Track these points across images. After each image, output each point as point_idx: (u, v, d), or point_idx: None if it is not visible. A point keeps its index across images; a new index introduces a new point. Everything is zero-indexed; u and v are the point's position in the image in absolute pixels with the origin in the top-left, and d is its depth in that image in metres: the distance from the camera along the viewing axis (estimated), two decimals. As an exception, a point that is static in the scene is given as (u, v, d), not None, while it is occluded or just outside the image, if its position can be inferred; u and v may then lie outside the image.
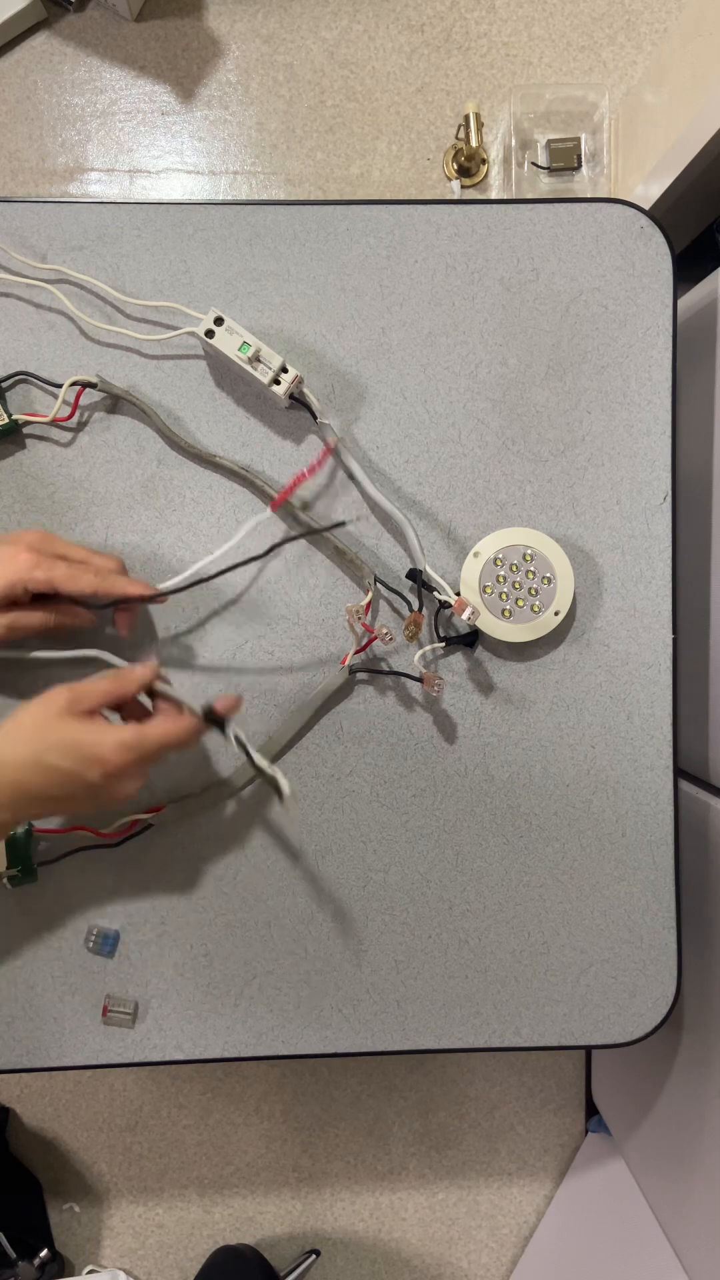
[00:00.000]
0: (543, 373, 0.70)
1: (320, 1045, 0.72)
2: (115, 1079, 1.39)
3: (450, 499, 0.70)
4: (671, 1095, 1.00)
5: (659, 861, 0.73)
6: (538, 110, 1.33)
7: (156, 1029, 0.71)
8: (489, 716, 0.71)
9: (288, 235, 0.69)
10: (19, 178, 1.35)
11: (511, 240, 0.69)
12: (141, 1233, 1.40)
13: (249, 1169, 1.40)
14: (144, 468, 0.69)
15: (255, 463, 0.69)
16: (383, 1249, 1.40)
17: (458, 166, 1.36)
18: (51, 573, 0.59)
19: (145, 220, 0.68)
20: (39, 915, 0.70)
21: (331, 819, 0.71)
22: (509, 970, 0.73)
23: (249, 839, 0.71)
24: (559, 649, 0.71)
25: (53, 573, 0.59)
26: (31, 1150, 1.38)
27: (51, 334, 0.68)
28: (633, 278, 0.70)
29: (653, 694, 0.71)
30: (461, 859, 0.72)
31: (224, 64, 1.35)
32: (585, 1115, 1.42)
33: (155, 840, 0.70)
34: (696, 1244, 0.97)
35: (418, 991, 0.72)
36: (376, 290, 0.69)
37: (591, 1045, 0.75)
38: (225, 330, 0.64)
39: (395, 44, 1.36)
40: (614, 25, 1.36)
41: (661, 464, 0.70)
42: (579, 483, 0.71)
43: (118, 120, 1.35)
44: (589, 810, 0.72)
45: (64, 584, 0.60)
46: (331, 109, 1.36)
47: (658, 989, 0.74)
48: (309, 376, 0.69)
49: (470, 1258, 1.40)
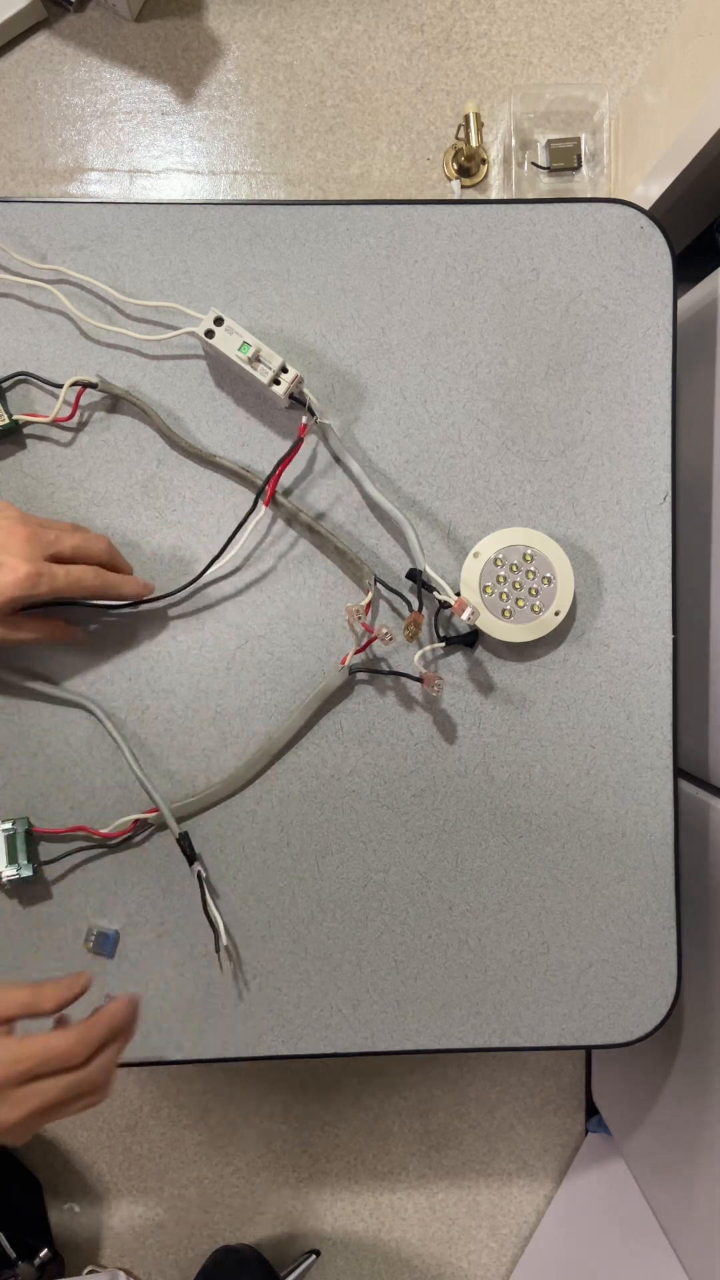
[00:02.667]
0: (543, 373, 0.70)
1: (320, 1045, 0.72)
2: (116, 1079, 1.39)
3: (450, 499, 0.70)
4: (671, 1095, 1.00)
5: (659, 861, 0.73)
6: (538, 110, 1.33)
7: (156, 1029, 0.71)
8: (489, 716, 0.71)
9: (288, 235, 0.69)
10: (19, 178, 1.35)
11: (511, 240, 0.69)
12: (141, 1233, 1.40)
13: (249, 1169, 1.40)
14: (144, 468, 0.69)
15: (255, 463, 0.69)
16: (383, 1249, 1.40)
17: (458, 166, 1.36)
18: (54, 584, 0.58)
19: (145, 220, 0.68)
20: (39, 915, 0.70)
21: (331, 819, 0.71)
22: (509, 970, 0.73)
23: (249, 839, 0.71)
24: (559, 649, 0.71)
25: (55, 584, 0.58)
26: (31, 1150, 1.38)
27: (51, 334, 0.68)
28: (633, 278, 0.70)
29: (653, 694, 0.72)
30: (461, 859, 0.72)
31: (224, 64, 1.35)
32: (585, 1115, 1.42)
33: (155, 840, 0.70)
34: (696, 1244, 0.97)
35: (418, 991, 0.72)
36: (376, 290, 0.69)
37: (591, 1045, 0.75)
38: (225, 330, 0.64)
39: (395, 44, 1.36)
40: (614, 25, 1.36)
41: (661, 464, 0.70)
42: (579, 483, 0.71)
43: (118, 120, 1.35)
44: (589, 810, 0.72)
45: (65, 593, 0.59)
46: (331, 109, 1.36)
47: (658, 989, 0.74)
48: (309, 376, 0.69)
49: (470, 1258, 1.40)
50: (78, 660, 0.69)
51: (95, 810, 0.70)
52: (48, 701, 0.69)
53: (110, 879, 0.70)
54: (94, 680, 0.69)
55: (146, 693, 0.70)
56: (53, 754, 0.69)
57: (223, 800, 0.70)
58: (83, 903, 0.70)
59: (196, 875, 0.69)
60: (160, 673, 0.70)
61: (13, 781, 0.69)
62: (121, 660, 0.69)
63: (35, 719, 0.69)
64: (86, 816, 0.69)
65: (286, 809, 0.71)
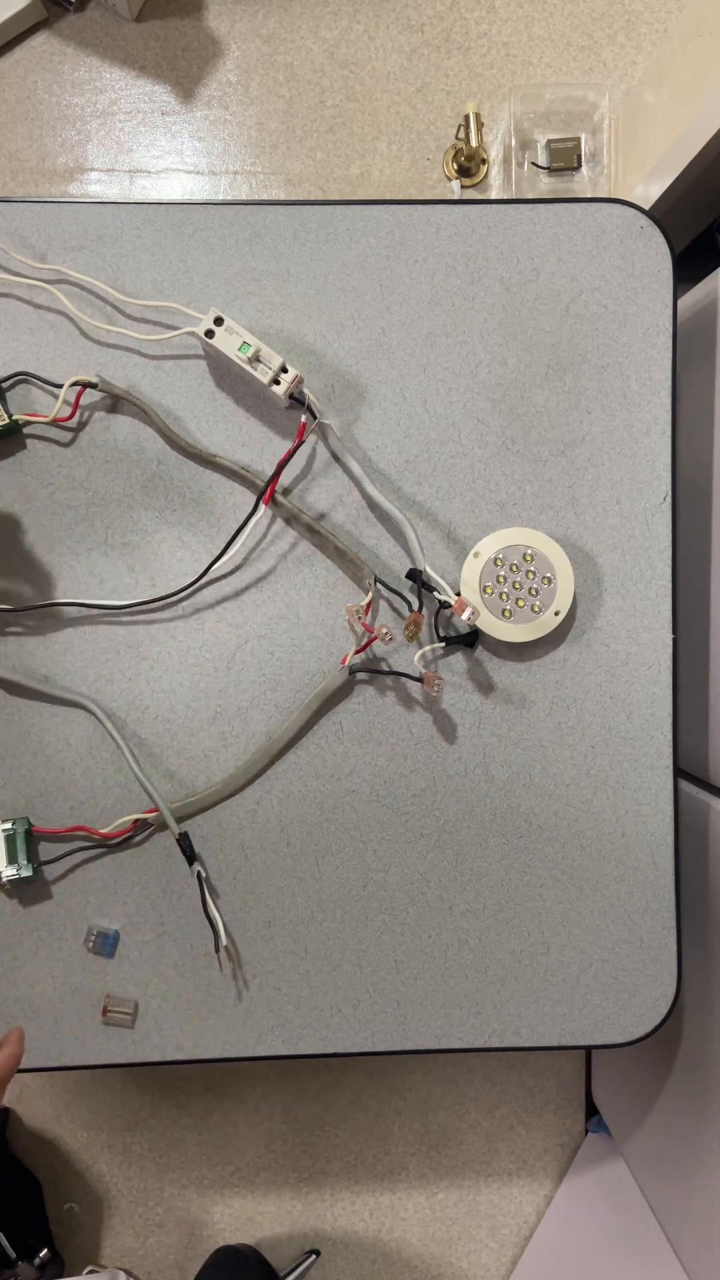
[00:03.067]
0: (543, 373, 0.70)
1: (320, 1045, 0.72)
2: (115, 1079, 1.39)
3: (450, 499, 0.70)
4: (671, 1095, 1.00)
5: (659, 861, 0.73)
6: (538, 110, 1.33)
7: (156, 1029, 0.71)
8: (489, 716, 0.71)
9: (288, 235, 0.69)
10: (19, 178, 1.35)
11: (511, 240, 0.69)
12: (141, 1233, 1.40)
13: (249, 1169, 1.40)
14: (144, 467, 0.69)
15: (255, 463, 0.69)
16: (383, 1249, 1.40)
17: (458, 166, 1.36)
18: None
19: (145, 220, 0.68)
20: (39, 915, 0.70)
21: (331, 819, 0.71)
22: (509, 970, 0.73)
23: (249, 839, 0.71)
24: (559, 649, 0.71)
25: None
26: (31, 1150, 1.38)
27: (51, 334, 0.68)
28: (633, 278, 0.70)
29: (653, 694, 0.71)
30: (461, 859, 0.72)
31: (224, 64, 1.35)
32: (585, 1115, 1.42)
33: (155, 840, 0.70)
34: (696, 1244, 0.97)
35: (418, 991, 0.72)
36: (376, 290, 0.69)
37: (591, 1045, 0.75)
38: (225, 330, 0.64)
39: (395, 44, 1.36)
40: (614, 25, 1.36)
41: (661, 464, 0.70)
42: (579, 483, 0.71)
43: (118, 120, 1.35)
44: (589, 810, 0.72)
45: None
46: (331, 109, 1.36)
47: (658, 989, 0.74)
48: (309, 376, 0.69)
49: (470, 1258, 1.40)
50: (78, 660, 0.69)
51: (95, 810, 0.70)
52: (48, 701, 0.69)
53: (110, 879, 0.70)
54: (94, 680, 0.69)
55: (146, 693, 0.70)
56: (53, 754, 0.69)
57: (223, 800, 0.70)
58: (83, 903, 0.70)
59: (196, 875, 0.69)
60: (160, 673, 0.70)
61: (13, 781, 0.69)
62: (121, 660, 0.69)
63: (35, 719, 0.69)
64: (86, 816, 0.69)
65: (286, 809, 0.71)
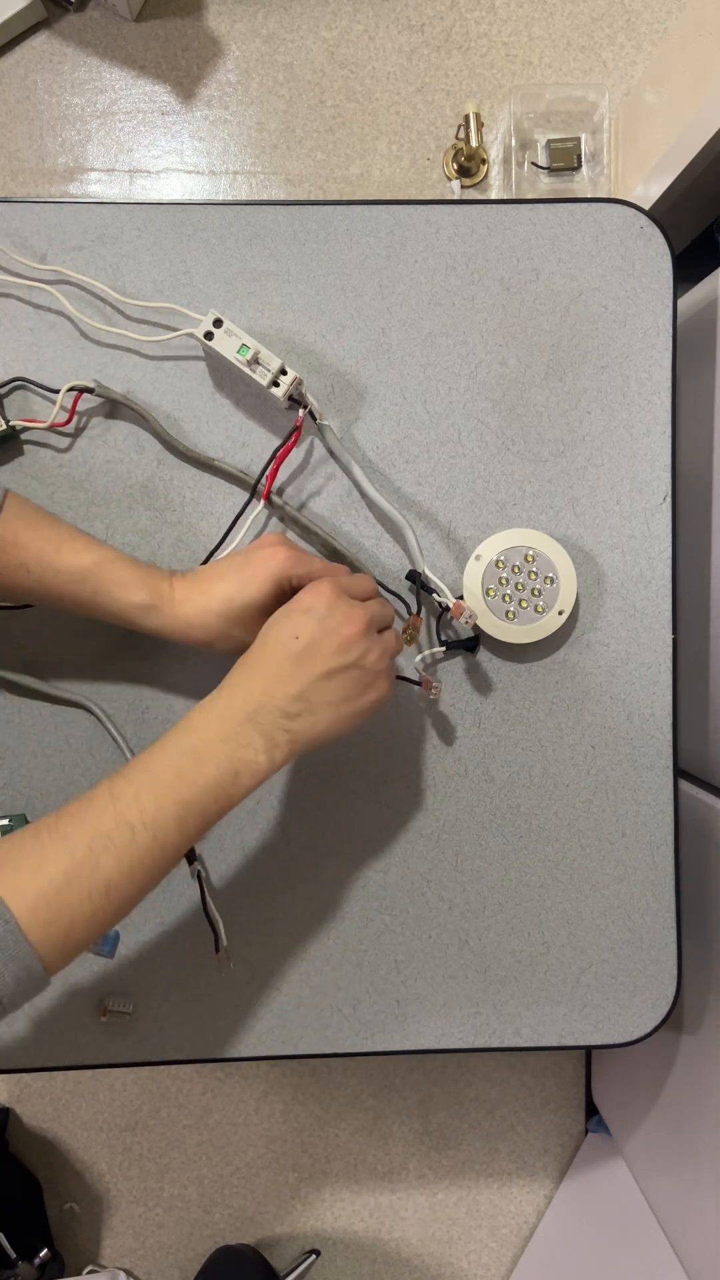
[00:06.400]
0: (543, 373, 0.70)
1: (320, 1045, 0.72)
2: (115, 1079, 1.39)
3: (450, 499, 0.70)
4: (671, 1095, 1.00)
5: (659, 861, 0.73)
6: (538, 110, 1.33)
7: (156, 1029, 0.71)
8: (489, 717, 0.71)
9: (287, 235, 0.69)
10: (19, 178, 1.35)
11: (511, 240, 0.69)
12: (141, 1233, 1.40)
13: (249, 1169, 1.40)
14: (143, 468, 0.69)
15: (255, 464, 0.69)
16: (383, 1249, 1.40)
17: (458, 166, 1.36)
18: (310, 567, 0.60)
19: (145, 220, 0.68)
20: (39, 915, 0.70)
21: (331, 819, 0.71)
22: (509, 970, 0.73)
23: (249, 839, 0.71)
24: (559, 650, 0.71)
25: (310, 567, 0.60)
26: (31, 1150, 1.39)
27: (51, 335, 0.68)
28: (633, 278, 0.70)
29: (653, 694, 0.71)
30: (461, 859, 0.72)
31: (224, 64, 1.35)
32: (585, 1115, 1.42)
33: (155, 840, 0.70)
34: (696, 1244, 0.97)
35: (418, 991, 0.72)
36: (376, 290, 0.69)
37: (591, 1045, 0.75)
38: (224, 332, 0.64)
39: (395, 44, 1.36)
40: (614, 25, 1.36)
41: (661, 464, 0.70)
42: (579, 483, 0.71)
43: (118, 120, 1.35)
44: (589, 810, 0.72)
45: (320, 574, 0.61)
46: (331, 109, 1.36)
47: (658, 989, 0.74)
48: (309, 377, 0.69)
49: (470, 1258, 1.40)
50: (78, 660, 0.69)
51: (95, 810, 0.69)
52: (48, 701, 0.69)
53: (110, 879, 0.70)
54: (94, 680, 0.69)
55: (146, 693, 0.70)
56: (53, 754, 0.69)
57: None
58: (83, 903, 0.70)
59: (196, 875, 0.69)
60: (160, 673, 0.70)
61: (13, 781, 0.69)
62: (121, 660, 0.69)
63: (35, 719, 0.69)
64: (86, 817, 0.69)
65: (286, 809, 0.71)
